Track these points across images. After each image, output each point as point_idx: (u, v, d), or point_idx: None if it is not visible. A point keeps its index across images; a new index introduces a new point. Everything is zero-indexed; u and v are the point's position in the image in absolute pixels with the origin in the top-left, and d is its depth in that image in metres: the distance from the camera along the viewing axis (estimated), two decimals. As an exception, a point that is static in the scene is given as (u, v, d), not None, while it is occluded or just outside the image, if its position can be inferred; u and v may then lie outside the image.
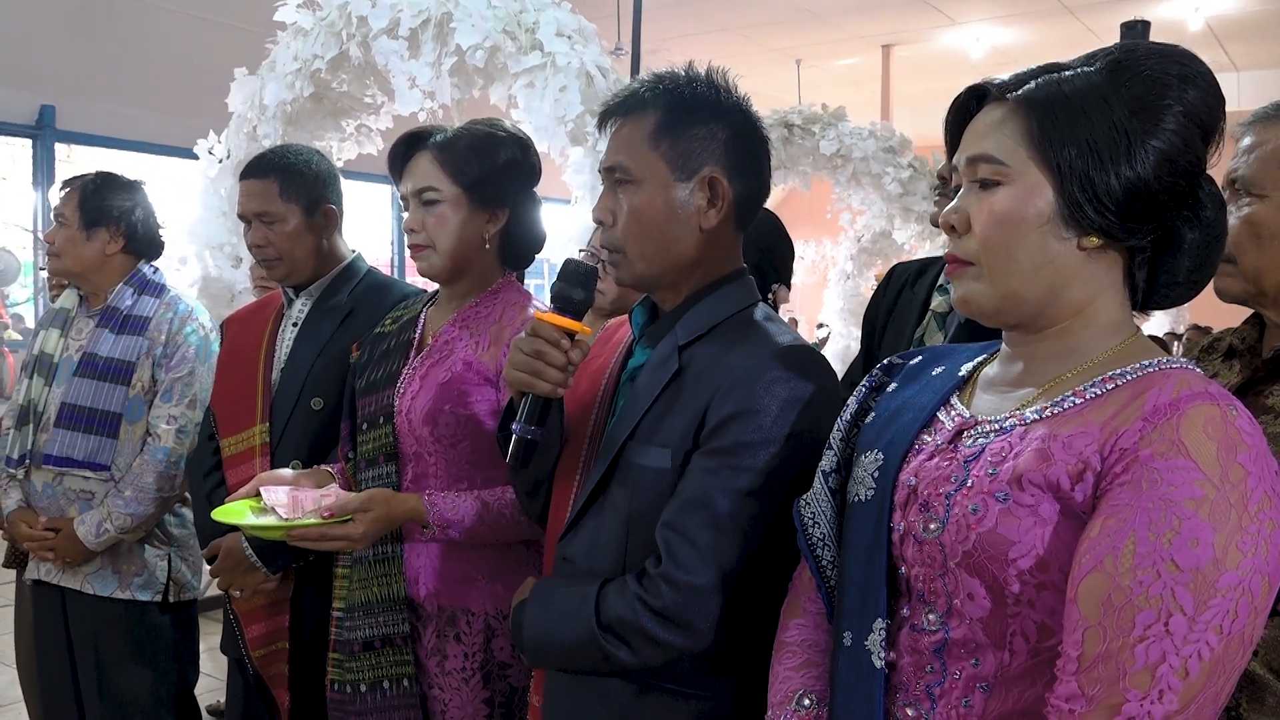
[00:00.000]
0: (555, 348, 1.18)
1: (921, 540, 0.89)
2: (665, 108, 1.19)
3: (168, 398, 2.17)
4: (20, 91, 6.08)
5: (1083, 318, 0.90)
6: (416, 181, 1.59)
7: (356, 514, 1.48)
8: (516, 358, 1.19)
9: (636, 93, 1.22)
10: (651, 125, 1.19)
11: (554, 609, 1.17)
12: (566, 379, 1.19)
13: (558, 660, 1.19)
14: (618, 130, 1.23)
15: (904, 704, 0.90)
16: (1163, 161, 0.85)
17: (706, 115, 1.20)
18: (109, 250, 2.23)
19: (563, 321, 1.19)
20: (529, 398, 1.20)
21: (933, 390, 0.99)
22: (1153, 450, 0.78)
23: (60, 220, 2.22)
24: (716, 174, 1.19)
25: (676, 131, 1.19)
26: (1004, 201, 0.88)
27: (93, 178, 2.26)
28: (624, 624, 1.10)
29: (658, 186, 1.19)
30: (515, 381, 1.21)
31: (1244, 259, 1.15)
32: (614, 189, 1.22)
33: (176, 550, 2.24)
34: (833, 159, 6.12)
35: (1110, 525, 0.77)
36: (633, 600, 1.10)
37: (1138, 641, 0.74)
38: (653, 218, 1.19)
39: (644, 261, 1.21)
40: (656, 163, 1.19)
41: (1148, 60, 0.87)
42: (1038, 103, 0.88)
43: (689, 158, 1.19)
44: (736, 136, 1.21)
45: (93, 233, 2.21)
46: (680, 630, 1.08)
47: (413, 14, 3.50)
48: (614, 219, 1.21)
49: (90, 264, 2.22)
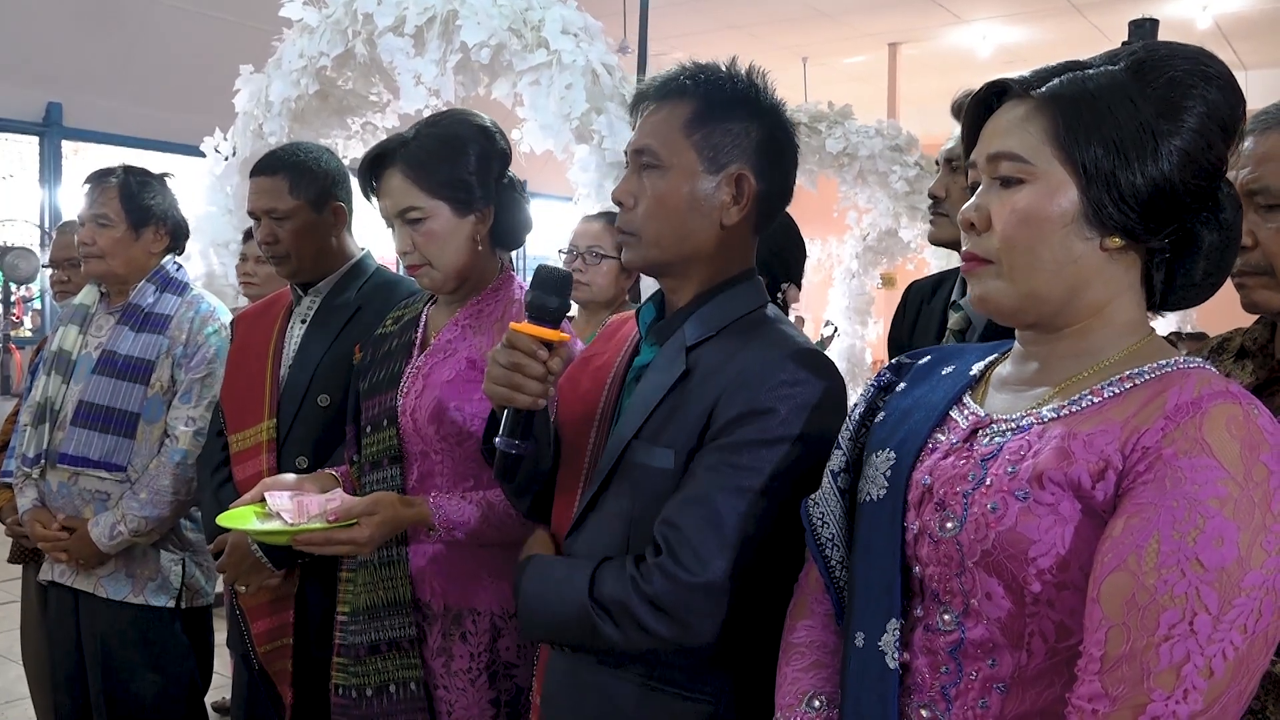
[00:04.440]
0: (533, 359, 1.16)
1: (938, 539, 0.88)
2: (703, 98, 1.18)
3: (187, 399, 2.15)
4: (27, 88, 6.08)
5: (1101, 318, 0.89)
6: (395, 202, 1.56)
7: (362, 518, 1.47)
8: (494, 371, 1.17)
9: (676, 78, 1.21)
10: (687, 114, 1.18)
11: (551, 576, 1.17)
12: (547, 390, 1.18)
13: (548, 629, 1.18)
14: (652, 114, 1.21)
15: (919, 705, 0.89)
16: (1186, 161, 0.85)
17: (743, 112, 1.19)
18: (153, 249, 2.22)
19: (539, 331, 1.17)
20: (509, 411, 1.19)
21: (944, 389, 0.98)
22: (1176, 449, 0.77)
23: (103, 221, 2.17)
24: (745, 172, 1.18)
25: (711, 124, 1.18)
26: (1027, 200, 0.87)
27: (127, 173, 2.22)
28: (615, 603, 1.10)
29: (684, 175, 1.18)
30: (494, 396, 1.19)
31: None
32: (639, 172, 1.20)
33: (192, 555, 2.23)
34: (839, 157, 6.11)
35: (1133, 524, 0.77)
36: (627, 582, 1.09)
37: (1162, 641, 0.73)
38: (675, 206, 1.18)
39: (657, 248, 1.20)
40: (687, 152, 1.17)
41: (1171, 60, 0.86)
42: (1063, 100, 0.87)
43: (720, 151, 1.18)
44: (769, 138, 1.20)
45: (141, 232, 2.20)
46: (669, 621, 1.08)
47: (418, 11, 3.51)
48: (635, 201, 1.20)
49: (137, 264, 2.21)
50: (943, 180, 1.72)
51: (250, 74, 4.03)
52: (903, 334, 1.91)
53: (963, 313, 1.67)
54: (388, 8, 3.54)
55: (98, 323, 2.24)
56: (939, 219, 1.74)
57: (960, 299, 1.71)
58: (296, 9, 3.78)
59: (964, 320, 1.66)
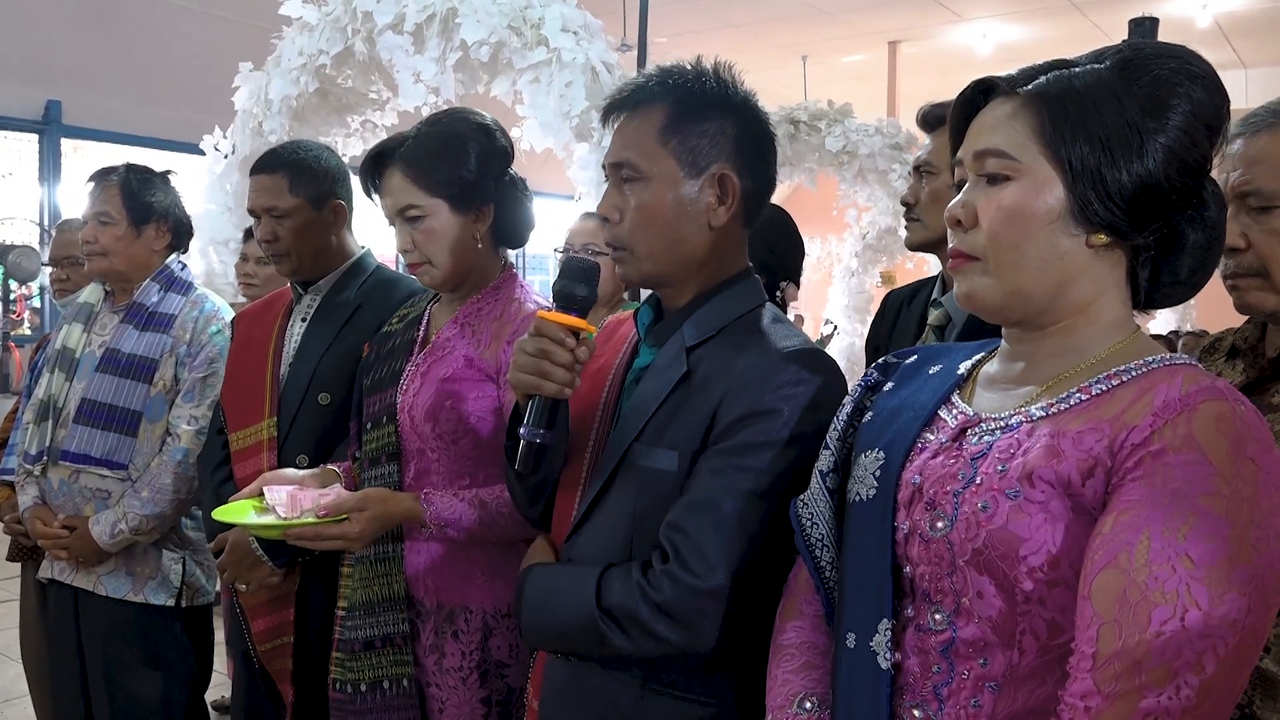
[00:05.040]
0: (561, 347, 1.15)
1: (928, 539, 0.88)
2: (674, 103, 1.17)
3: (189, 398, 2.15)
4: (27, 86, 6.09)
5: (1086, 315, 0.90)
6: (396, 201, 1.57)
7: (352, 513, 1.48)
8: (521, 359, 1.16)
9: (644, 86, 1.19)
10: (660, 121, 1.17)
11: (555, 586, 1.16)
12: (574, 378, 1.17)
13: (554, 638, 1.17)
14: (624, 125, 1.20)
15: (911, 705, 0.89)
16: (1172, 159, 0.85)
17: (716, 111, 1.17)
18: (156, 246, 2.22)
19: (567, 319, 1.16)
20: (536, 400, 1.17)
21: (932, 388, 0.98)
22: (1165, 445, 0.78)
23: (105, 219, 2.18)
24: (726, 171, 1.17)
25: (686, 127, 1.16)
26: (1014, 197, 0.88)
27: (128, 171, 2.23)
28: (623, 611, 1.09)
29: (667, 183, 1.16)
30: (520, 384, 1.18)
31: (1278, 272, 1.11)
32: (620, 185, 1.19)
33: (192, 554, 2.23)
34: (839, 155, 6.11)
35: (1124, 521, 0.77)
36: (635, 589, 1.09)
37: (1154, 637, 0.73)
38: (662, 215, 1.17)
39: (651, 260, 1.19)
40: (666, 159, 1.16)
41: (1157, 59, 0.86)
42: (1050, 98, 0.87)
43: (699, 154, 1.16)
44: (745, 132, 1.19)
45: (142, 230, 2.20)
46: (679, 627, 1.07)
47: (418, 9, 3.51)
48: (620, 216, 1.19)
49: (139, 262, 2.21)
50: (914, 187, 1.76)
51: (250, 72, 4.03)
52: (880, 339, 1.93)
53: (943, 309, 1.69)
54: (387, 6, 3.54)
55: (102, 321, 2.24)
56: (912, 224, 1.77)
57: (940, 296, 1.73)
58: (296, 7, 3.78)
59: (944, 316, 1.68)
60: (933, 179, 1.71)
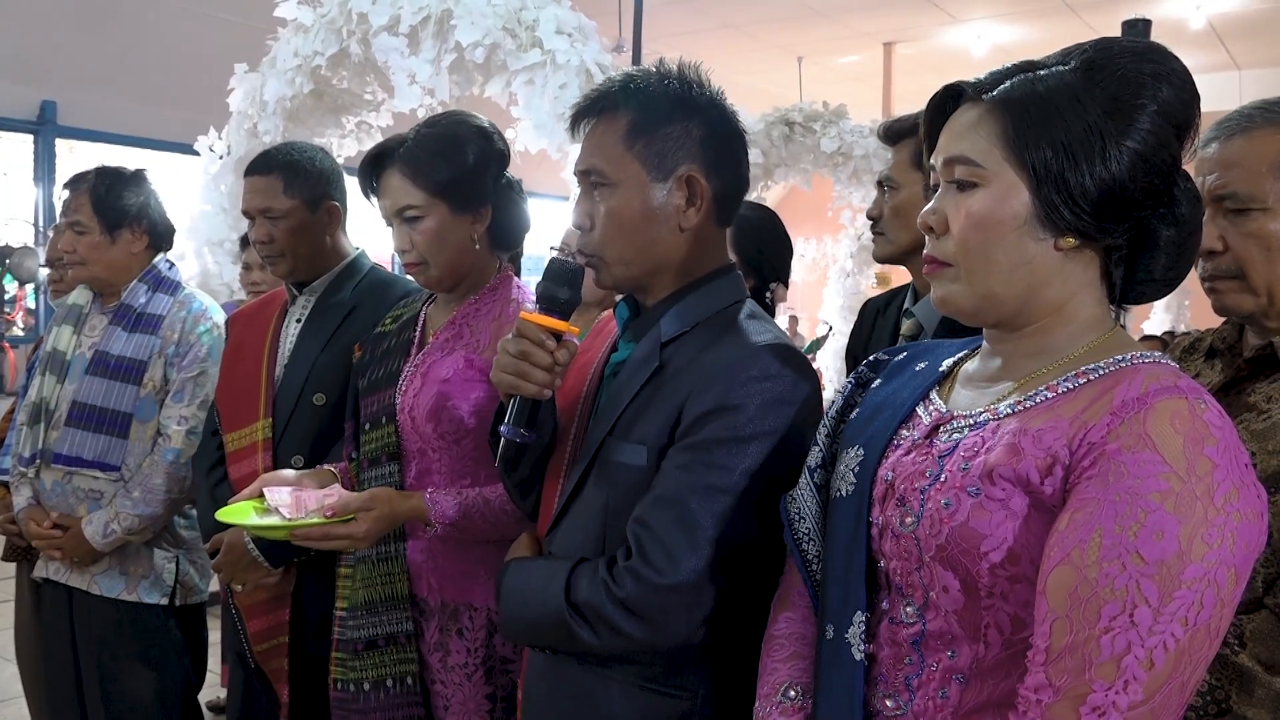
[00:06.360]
0: (541, 348, 1.17)
1: (898, 534, 0.90)
2: (638, 107, 1.17)
3: (179, 398, 2.16)
4: (22, 86, 6.08)
5: (1060, 315, 0.90)
6: (394, 201, 1.59)
7: (359, 513, 1.49)
8: (503, 359, 1.18)
9: (608, 93, 1.20)
10: (625, 126, 1.17)
11: (530, 581, 1.18)
12: (553, 380, 1.18)
13: (528, 632, 1.19)
14: (591, 132, 1.21)
15: (884, 695, 0.91)
16: (1138, 161, 0.85)
17: (680, 113, 1.18)
18: (134, 249, 2.22)
19: (548, 321, 1.18)
20: (516, 399, 1.19)
21: (914, 386, 1.00)
22: (1120, 444, 0.79)
23: (78, 229, 2.17)
24: (694, 172, 1.17)
25: (650, 131, 1.17)
26: (980, 203, 0.88)
27: (97, 177, 2.22)
28: (589, 607, 1.10)
29: (634, 188, 1.17)
30: (501, 383, 1.19)
31: (1255, 274, 1.13)
32: (590, 193, 1.20)
33: (185, 553, 2.24)
34: (834, 156, 6.12)
35: (1078, 518, 0.78)
36: (599, 586, 1.10)
37: (1103, 633, 0.75)
38: (631, 220, 1.17)
39: (623, 265, 1.19)
40: (631, 164, 1.17)
41: (1122, 58, 0.86)
42: (1012, 104, 0.88)
43: (665, 157, 1.17)
44: (712, 133, 1.19)
45: (116, 235, 2.19)
46: (642, 623, 1.08)
47: (413, 11, 3.51)
48: (592, 223, 1.20)
49: (119, 266, 2.20)
50: (877, 202, 1.77)
51: (245, 73, 4.03)
52: (858, 346, 1.95)
53: (914, 319, 1.70)
54: (382, 7, 3.55)
55: (91, 323, 2.25)
56: (878, 238, 1.78)
57: (911, 306, 1.74)
58: (291, 8, 3.79)
59: (915, 326, 1.70)
60: (895, 194, 1.72)
